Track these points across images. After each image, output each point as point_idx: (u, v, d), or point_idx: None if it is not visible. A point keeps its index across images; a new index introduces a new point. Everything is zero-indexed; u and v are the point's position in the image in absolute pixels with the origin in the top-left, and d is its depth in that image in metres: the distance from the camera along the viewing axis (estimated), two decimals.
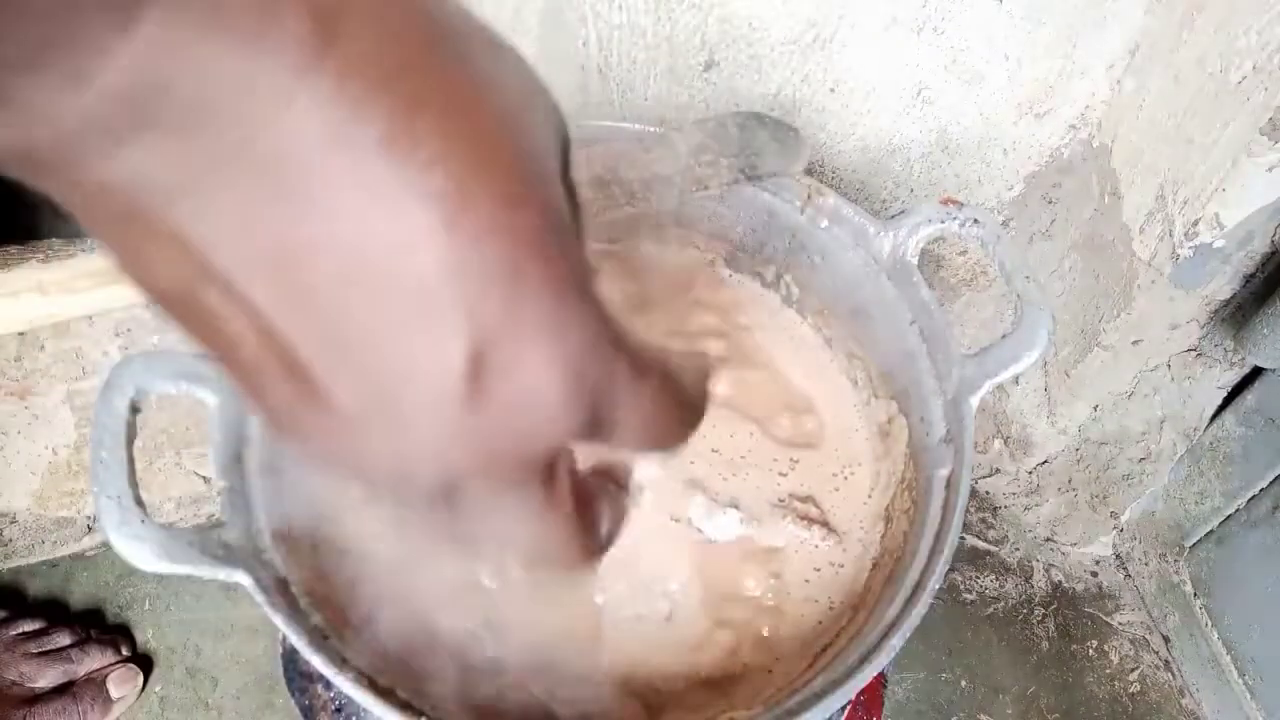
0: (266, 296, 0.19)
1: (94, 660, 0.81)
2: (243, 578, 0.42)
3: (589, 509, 0.27)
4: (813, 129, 0.74)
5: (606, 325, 0.22)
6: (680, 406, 0.25)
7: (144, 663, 0.85)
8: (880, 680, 0.81)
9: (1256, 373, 0.80)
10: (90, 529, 0.92)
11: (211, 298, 0.19)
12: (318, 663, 0.41)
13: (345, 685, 0.41)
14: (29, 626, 0.82)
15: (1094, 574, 1.00)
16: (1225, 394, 0.84)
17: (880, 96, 0.73)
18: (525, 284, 0.19)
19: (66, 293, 0.46)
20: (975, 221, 0.55)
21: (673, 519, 0.56)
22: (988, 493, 1.04)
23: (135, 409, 0.44)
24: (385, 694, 0.41)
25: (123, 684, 0.82)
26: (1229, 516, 0.84)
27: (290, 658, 0.63)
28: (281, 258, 0.18)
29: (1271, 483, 0.79)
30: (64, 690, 0.79)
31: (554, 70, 0.65)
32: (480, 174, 0.19)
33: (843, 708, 0.56)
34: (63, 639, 0.82)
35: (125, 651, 0.84)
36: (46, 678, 0.78)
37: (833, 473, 0.59)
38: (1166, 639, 0.94)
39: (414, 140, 0.18)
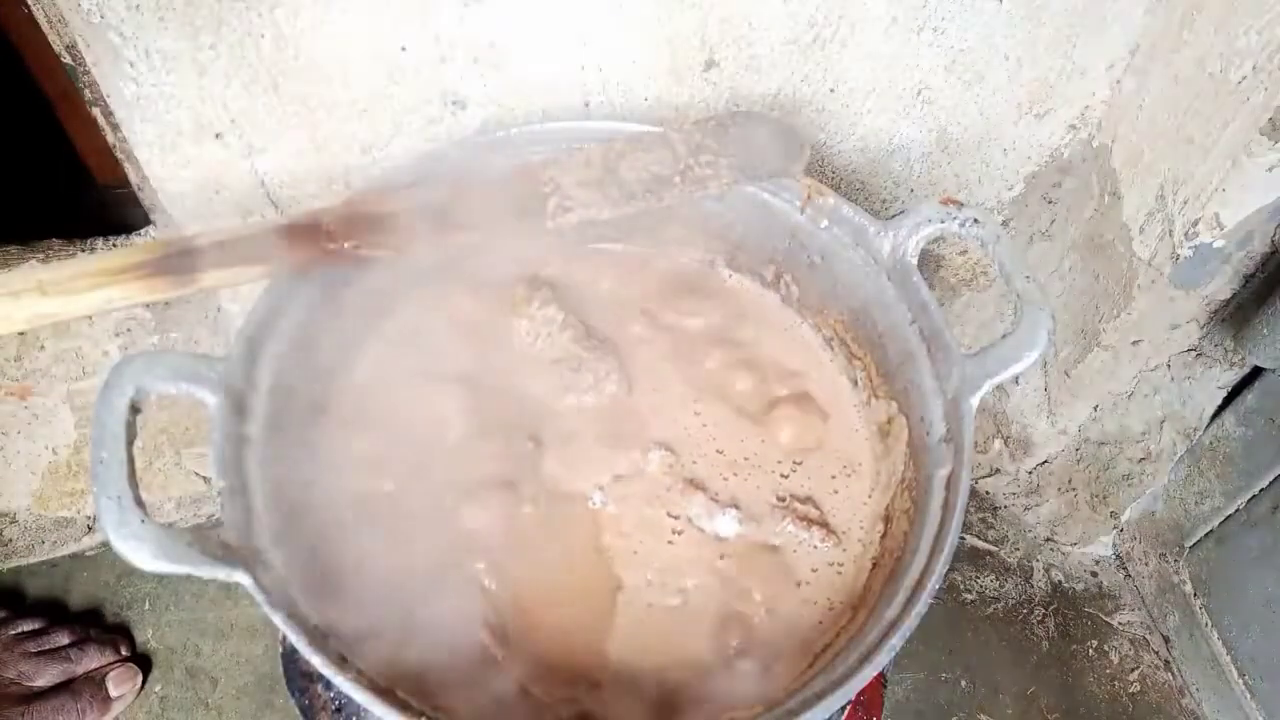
0: None
1: (93, 659, 0.81)
2: (243, 578, 0.42)
3: None
4: (813, 129, 0.74)
5: None
6: None
7: (143, 662, 0.86)
8: (880, 680, 0.81)
9: (1256, 373, 0.80)
10: (90, 529, 0.92)
11: None
12: (318, 663, 0.41)
13: (345, 685, 0.41)
14: (28, 626, 0.82)
15: (1094, 574, 1.00)
16: (1225, 394, 0.83)
17: (880, 96, 0.73)
18: None
19: (66, 293, 0.45)
20: (975, 221, 0.55)
21: (671, 517, 0.56)
22: (988, 493, 1.04)
23: (135, 409, 0.44)
24: (385, 694, 0.41)
25: (122, 683, 0.82)
26: (1229, 516, 0.84)
27: (290, 658, 0.63)
28: None
29: (1271, 483, 0.79)
30: (63, 689, 0.79)
31: (554, 69, 0.65)
32: None
33: (843, 708, 0.56)
34: (62, 638, 0.82)
35: (125, 651, 0.85)
36: (45, 676, 0.78)
37: (833, 474, 0.59)
38: (1166, 639, 0.94)
39: None
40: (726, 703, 0.49)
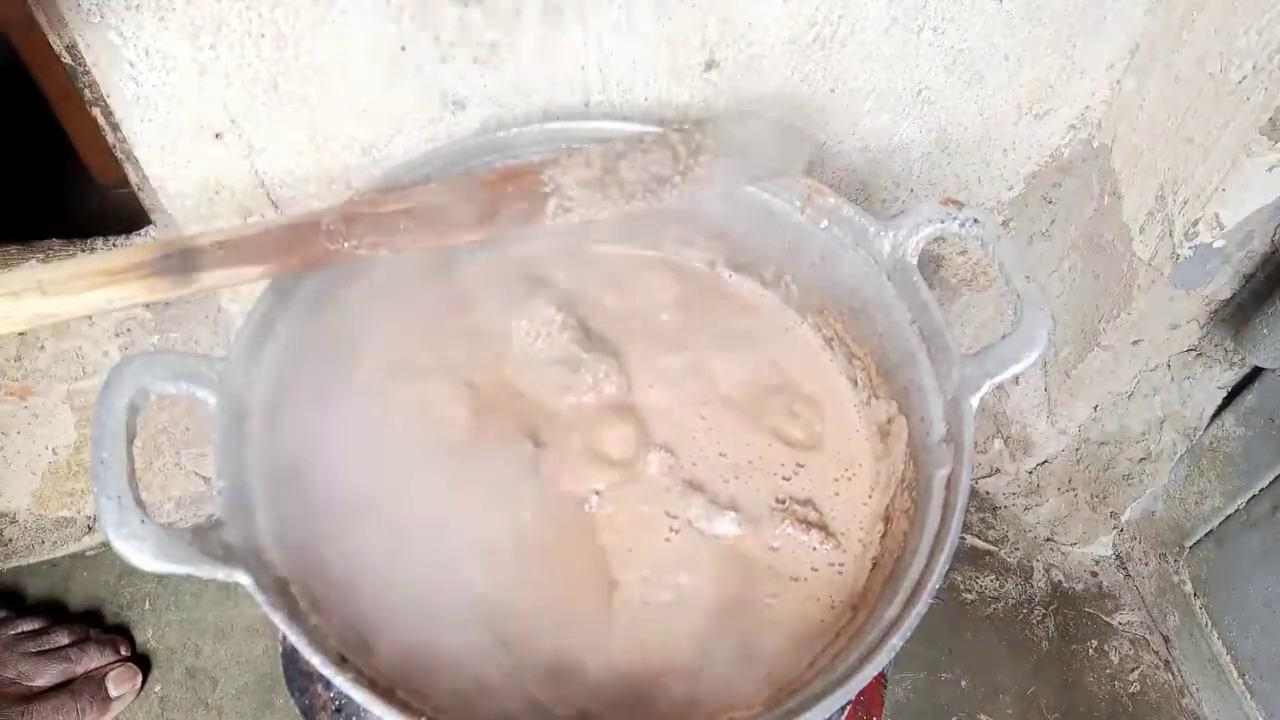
0: None
1: (93, 659, 0.81)
2: (243, 578, 0.42)
3: None
4: (813, 129, 0.74)
5: None
6: None
7: (143, 662, 0.86)
8: (880, 680, 0.81)
9: (1256, 373, 0.80)
10: (90, 529, 0.92)
11: None
12: (318, 663, 0.41)
13: (345, 685, 0.41)
14: (28, 626, 0.82)
15: (1094, 574, 1.00)
16: (1225, 394, 0.84)
17: (880, 96, 0.73)
18: None
19: (66, 293, 0.45)
20: (975, 221, 0.55)
21: (671, 517, 0.56)
22: (988, 493, 1.04)
23: (135, 409, 0.44)
24: (385, 694, 0.41)
25: (121, 683, 0.82)
26: (1229, 516, 0.84)
27: (290, 658, 0.63)
28: None
29: (1271, 483, 0.79)
30: (63, 689, 0.79)
31: (554, 70, 0.65)
32: None
33: (843, 708, 0.56)
34: (62, 638, 0.82)
35: (124, 651, 0.85)
36: (45, 676, 0.79)
37: (834, 476, 0.59)
38: (1166, 639, 0.94)
39: None
40: (726, 702, 0.49)
